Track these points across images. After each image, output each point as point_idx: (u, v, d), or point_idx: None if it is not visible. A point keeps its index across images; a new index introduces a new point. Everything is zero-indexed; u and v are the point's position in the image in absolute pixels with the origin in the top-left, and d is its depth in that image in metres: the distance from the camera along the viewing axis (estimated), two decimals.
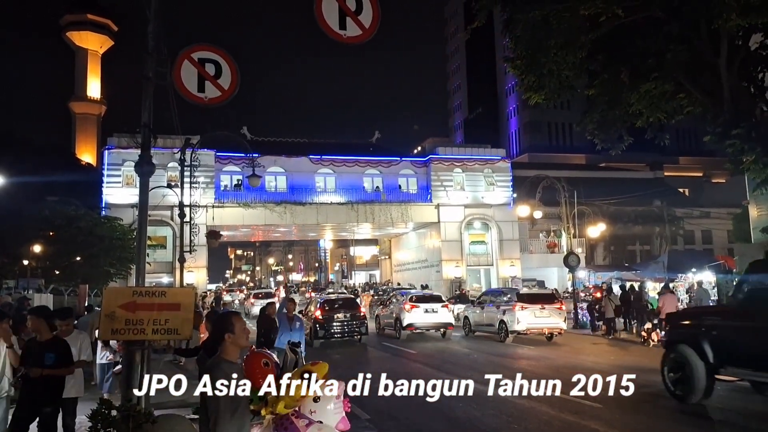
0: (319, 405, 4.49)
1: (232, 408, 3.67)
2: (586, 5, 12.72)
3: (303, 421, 4.40)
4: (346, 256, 76.90)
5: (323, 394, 4.52)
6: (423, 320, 21.50)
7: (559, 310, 20.23)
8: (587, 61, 15.34)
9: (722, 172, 60.18)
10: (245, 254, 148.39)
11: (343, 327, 20.08)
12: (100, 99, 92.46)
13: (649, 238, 51.47)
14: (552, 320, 19.72)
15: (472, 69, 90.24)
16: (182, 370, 13.44)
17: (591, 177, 56.13)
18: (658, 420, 9.01)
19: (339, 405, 4.60)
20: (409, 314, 21.42)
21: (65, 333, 7.38)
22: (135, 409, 4.90)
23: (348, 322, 20.13)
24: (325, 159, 42.29)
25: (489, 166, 44.05)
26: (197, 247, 25.28)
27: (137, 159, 6.16)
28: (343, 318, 20.12)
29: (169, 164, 32.49)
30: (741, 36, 14.29)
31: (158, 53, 6.05)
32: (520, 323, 19.39)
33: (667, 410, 9.53)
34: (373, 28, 5.73)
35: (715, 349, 9.33)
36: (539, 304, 19.53)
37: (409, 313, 21.45)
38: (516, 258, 43.04)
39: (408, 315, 21.46)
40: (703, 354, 9.44)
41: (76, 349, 7.22)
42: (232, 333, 3.83)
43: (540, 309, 19.31)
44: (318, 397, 4.49)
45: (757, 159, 13.36)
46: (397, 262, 54.69)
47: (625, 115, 16.03)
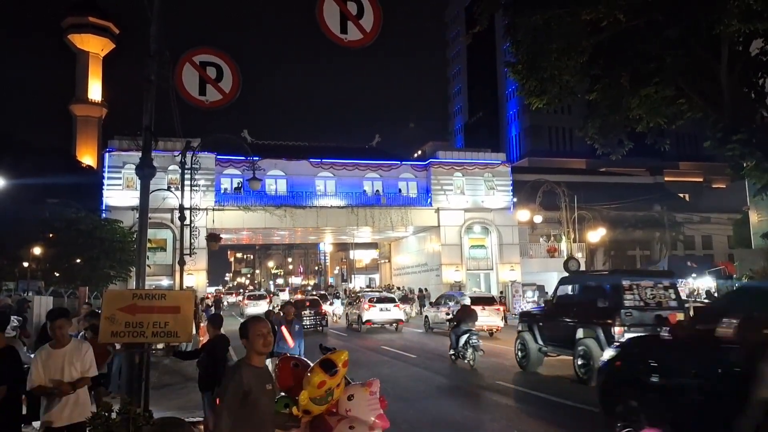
0: (353, 403, 4.47)
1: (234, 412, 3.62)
2: (587, 10, 12.75)
3: (336, 418, 4.39)
4: (345, 260, 76.89)
5: (357, 392, 4.49)
6: (378, 317, 26.09)
7: (497, 311, 23.93)
8: (588, 66, 15.35)
9: (722, 178, 60.27)
10: (245, 257, 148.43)
11: (310, 320, 25.57)
12: (101, 102, 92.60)
13: (649, 243, 51.43)
14: (491, 319, 23.05)
15: (473, 73, 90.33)
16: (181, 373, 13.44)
17: (591, 182, 56.11)
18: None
19: (375, 401, 4.55)
20: (368, 312, 25.95)
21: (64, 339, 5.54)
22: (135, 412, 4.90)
23: (313, 317, 25.99)
24: (326, 162, 42.32)
25: (489, 170, 44.06)
26: (197, 250, 25.27)
27: (138, 161, 6.17)
28: (309, 314, 25.66)
29: (169, 167, 32.51)
30: (741, 41, 14.31)
31: (160, 56, 6.06)
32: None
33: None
34: (374, 33, 5.73)
35: (540, 335, 13.84)
36: (481, 306, 22.23)
37: (367, 311, 25.98)
38: (516, 262, 43.02)
39: (366, 312, 25.98)
40: (534, 339, 13.98)
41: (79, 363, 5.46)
42: (246, 338, 3.86)
43: (481, 309, 21.46)
44: (352, 395, 4.47)
45: (757, 164, 13.36)
46: (396, 265, 54.66)
47: (626, 120, 16.05)
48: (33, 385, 5.24)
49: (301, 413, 4.32)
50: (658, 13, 13.59)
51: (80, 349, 5.54)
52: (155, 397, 8.11)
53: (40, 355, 5.43)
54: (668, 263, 28.31)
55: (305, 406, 4.28)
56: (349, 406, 4.45)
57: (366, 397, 4.51)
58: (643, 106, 15.02)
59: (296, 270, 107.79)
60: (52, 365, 5.33)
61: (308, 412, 4.34)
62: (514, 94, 75.74)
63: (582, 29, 13.81)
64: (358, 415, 4.42)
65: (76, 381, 5.36)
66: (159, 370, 13.92)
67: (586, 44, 14.24)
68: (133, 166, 7.42)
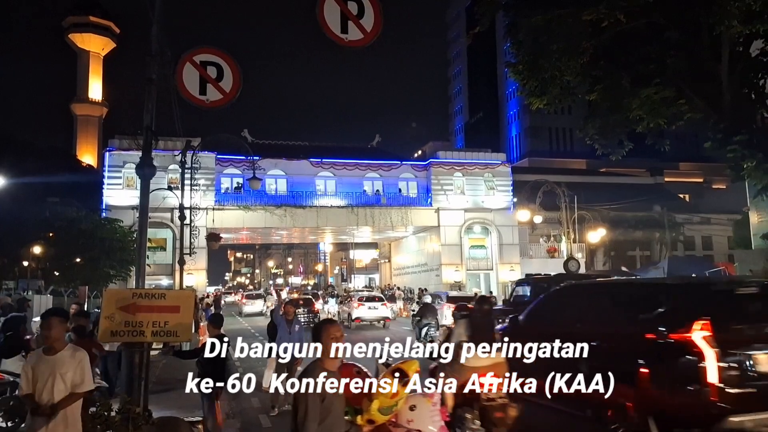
0: (416, 413, 4.37)
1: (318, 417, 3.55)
2: (588, 11, 12.75)
3: (401, 429, 4.31)
4: (345, 260, 76.85)
5: (419, 403, 4.40)
6: (367, 314, 27.18)
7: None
8: (589, 67, 15.35)
9: (723, 178, 60.13)
10: (245, 257, 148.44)
11: (303, 318, 25.40)
12: (101, 101, 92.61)
13: (649, 243, 51.38)
14: None
15: (474, 73, 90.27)
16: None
17: (591, 182, 56.03)
18: None
19: (436, 412, 4.47)
20: (357, 310, 27.16)
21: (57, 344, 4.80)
22: (134, 411, 4.90)
23: (306, 314, 26.44)
24: (326, 162, 42.31)
25: (489, 170, 44.05)
26: (197, 249, 25.26)
27: (138, 161, 6.17)
28: (302, 312, 25.81)
29: (169, 166, 32.49)
30: (742, 42, 14.32)
31: (160, 56, 6.06)
32: (447, 318, 23.14)
33: None
34: (374, 32, 5.72)
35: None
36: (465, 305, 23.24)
37: (357, 309, 27.19)
38: (516, 263, 43.01)
39: (356, 311, 27.19)
40: None
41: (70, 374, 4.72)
42: (319, 341, 3.78)
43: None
44: (414, 405, 4.38)
45: (757, 165, 13.37)
46: (396, 265, 54.65)
47: (626, 121, 16.04)
48: (21, 393, 4.73)
49: (365, 423, 4.22)
50: (658, 15, 13.60)
51: (74, 357, 4.75)
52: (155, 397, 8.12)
53: (30, 359, 4.88)
54: (668, 264, 28.25)
55: (372, 415, 4.17)
56: (411, 417, 4.36)
57: (429, 408, 4.42)
58: (643, 107, 15.01)
59: (296, 270, 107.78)
60: (41, 374, 4.65)
61: (372, 422, 4.23)
62: (514, 95, 75.69)
63: (583, 30, 13.82)
64: (420, 427, 4.34)
65: (59, 402, 4.59)
66: (158, 369, 13.92)
67: (587, 45, 14.24)
68: (134, 166, 7.41)
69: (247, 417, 9.69)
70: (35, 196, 33.12)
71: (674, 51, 14.41)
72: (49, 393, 4.59)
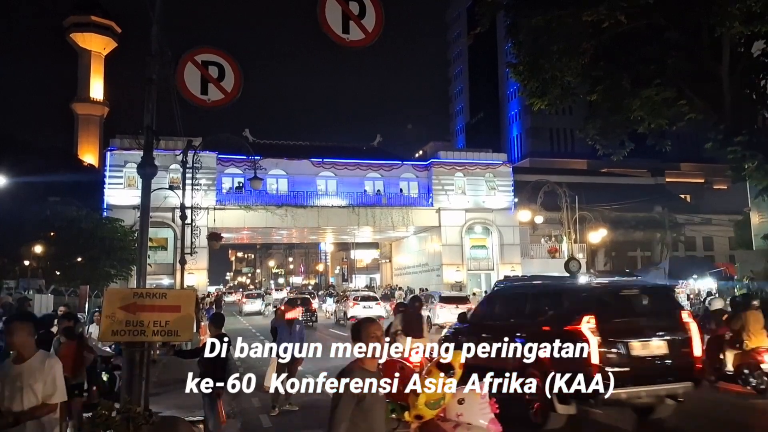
0: (465, 407, 4.29)
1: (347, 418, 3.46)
2: (588, 11, 12.75)
3: (450, 423, 4.22)
4: (346, 259, 76.87)
5: (468, 396, 4.32)
6: (362, 313, 27.50)
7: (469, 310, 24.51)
8: (590, 67, 15.36)
9: (724, 179, 60.09)
10: (246, 256, 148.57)
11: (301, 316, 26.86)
12: (102, 100, 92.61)
13: (650, 244, 51.37)
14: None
15: (475, 73, 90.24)
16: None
17: (592, 182, 56.03)
18: None
19: (485, 405, 4.38)
20: (352, 309, 28.38)
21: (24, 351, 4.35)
22: (135, 411, 4.90)
23: (304, 313, 26.68)
24: (327, 162, 42.33)
25: (490, 170, 44.06)
26: (198, 249, 25.30)
27: (139, 160, 6.16)
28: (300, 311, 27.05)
29: (171, 166, 32.44)
30: (743, 43, 14.32)
31: (161, 55, 6.07)
32: (439, 318, 24.57)
33: None
34: (376, 33, 5.72)
35: None
36: (454, 304, 24.48)
37: (352, 308, 28.46)
38: (517, 263, 43.01)
39: (351, 309, 28.40)
40: None
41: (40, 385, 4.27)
42: (358, 341, 3.68)
43: (455, 308, 23.11)
44: (462, 399, 4.30)
45: (758, 166, 13.38)
46: (397, 265, 54.65)
47: (627, 121, 16.05)
48: None
49: (412, 419, 4.14)
50: (659, 15, 13.59)
51: (44, 365, 4.30)
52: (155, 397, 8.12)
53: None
54: (669, 264, 28.26)
55: (419, 411, 4.09)
56: (460, 411, 4.27)
57: (477, 401, 4.34)
58: (644, 108, 15.02)
59: (297, 270, 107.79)
60: (8, 385, 4.25)
61: (420, 418, 4.15)
62: (515, 95, 75.68)
63: (583, 31, 13.82)
64: (470, 420, 4.26)
65: (22, 412, 4.15)
66: (159, 369, 13.93)
67: (587, 46, 14.25)
68: (135, 165, 7.42)
69: (247, 417, 9.70)
70: (36, 195, 33.10)
71: (675, 51, 14.42)
72: (19, 405, 4.19)
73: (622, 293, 8.50)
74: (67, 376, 6.79)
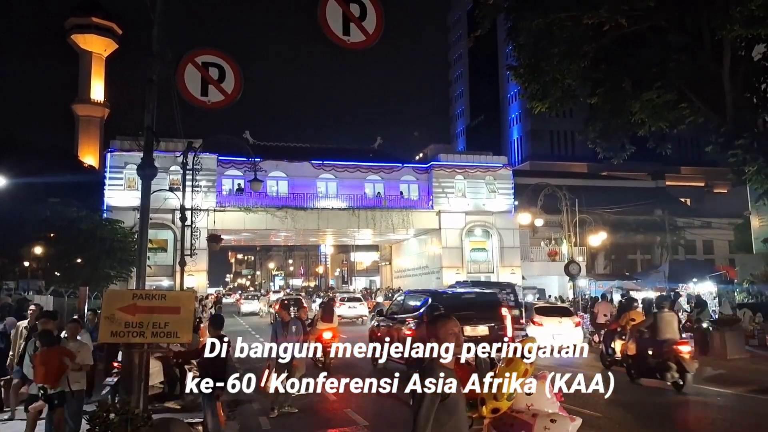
0: (533, 397, 4.19)
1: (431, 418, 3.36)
2: (589, 14, 12.75)
3: (523, 416, 4.15)
4: (346, 262, 76.84)
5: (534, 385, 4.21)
6: (347, 312, 30.57)
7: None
8: (590, 70, 15.36)
9: (724, 182, 60.17)
10: (246, 258, 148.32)
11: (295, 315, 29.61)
12: (103, 102, 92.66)
13: (650, 247, 51.36)
14: None
15: (475, 76, 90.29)
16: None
17: (592, 185, 56.05)
18: None
19: (551, 395, 4.28)
20: (339, 309, 28.63)
21: None
22: (133, 413, 4.89)
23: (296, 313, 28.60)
24: (327, 164, 42.33)
25: (490, 173, 44.05)
26: (198, 250, 25.26)
27: (140, 162, 6.16)
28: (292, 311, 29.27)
29: (171, 167, 32.49)
30: (744, 47, 14.32)
31: (162, 57, 6.07)
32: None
33: None
34: (376, 34, 5.72)
35: None
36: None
37: (338, 308, 28.69)
38: (517, 266, 42.98)
39: (337, 309, 29.50)
40: None
41: None
42: (435, 338, 3.55)
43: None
44: (530, 389, 4.21)
45: (759, 169, 13.38)
46: (397, 268, 54.61)
47: (628, 124, 16.06)
48: None
49: (489, 412, 4.07)
50: (660, 18, 13.59)
51: None
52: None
53: None
54: (669, 267, 28.24)
55: (498, 404, 4.03)
56: (529, 402, 4.17)
57: (544, 390, 4.24)
58: (645, 111, 15.03)
59: (297, 272, 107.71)
60: None
61: (496, 411, 4.09)
62: (516, 98, 75.76)
63: (584, 33, 13.82)
64: (540, 409, 4.18)
65: None
66: None
67: (588, 48, 14.25)
68: (135, 167, 7.41)
69: (246, 419, 9.68)
70: (36, 196, 33.05)
71: (676, 54, 14.42)
72: None
73: (463, 297, 14.27)
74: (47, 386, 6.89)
